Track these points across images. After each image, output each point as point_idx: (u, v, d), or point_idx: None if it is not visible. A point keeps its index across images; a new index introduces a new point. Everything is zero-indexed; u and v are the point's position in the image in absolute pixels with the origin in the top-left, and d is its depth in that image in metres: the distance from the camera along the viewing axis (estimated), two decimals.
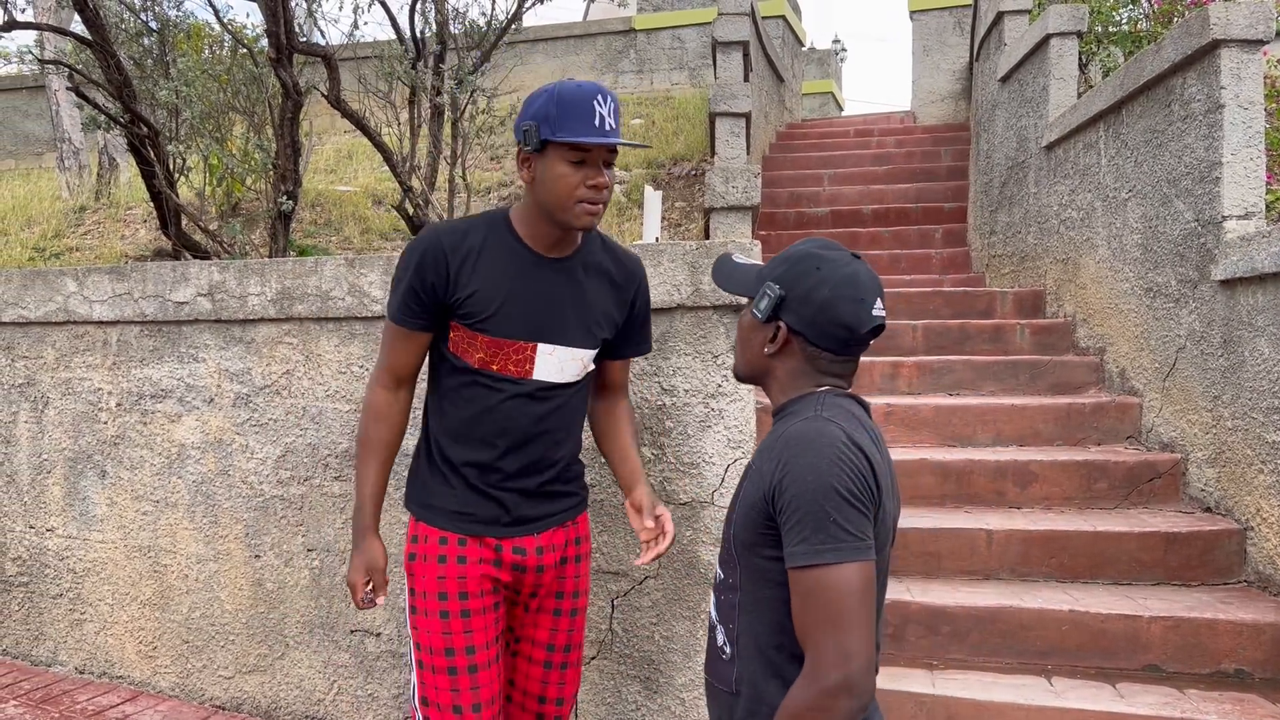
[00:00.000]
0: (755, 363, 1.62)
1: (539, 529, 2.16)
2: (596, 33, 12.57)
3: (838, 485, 1.38)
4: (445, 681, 2.06)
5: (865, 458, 1.43)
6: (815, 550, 1.37)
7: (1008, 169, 6.66)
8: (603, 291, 2.16)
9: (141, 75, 6.19)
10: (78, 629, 3.82)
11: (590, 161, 1.95)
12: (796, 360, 1.56)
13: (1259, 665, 3.22)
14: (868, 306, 1.51)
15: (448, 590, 2.09)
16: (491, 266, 2.04)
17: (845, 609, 1.35)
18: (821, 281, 1.51)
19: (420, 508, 2.16)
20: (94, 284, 3.70)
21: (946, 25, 10.86)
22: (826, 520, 1.37)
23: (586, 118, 1.91)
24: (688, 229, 7.11)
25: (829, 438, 1.42)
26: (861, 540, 1.38)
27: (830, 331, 1.52)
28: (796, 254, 1.57)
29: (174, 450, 3.58)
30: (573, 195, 1.95)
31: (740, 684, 1.54)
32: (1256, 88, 3.84)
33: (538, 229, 2.06)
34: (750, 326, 1.61)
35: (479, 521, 2.11)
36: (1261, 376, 3.56)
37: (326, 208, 7.84)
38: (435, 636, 2.08)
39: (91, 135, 8.96)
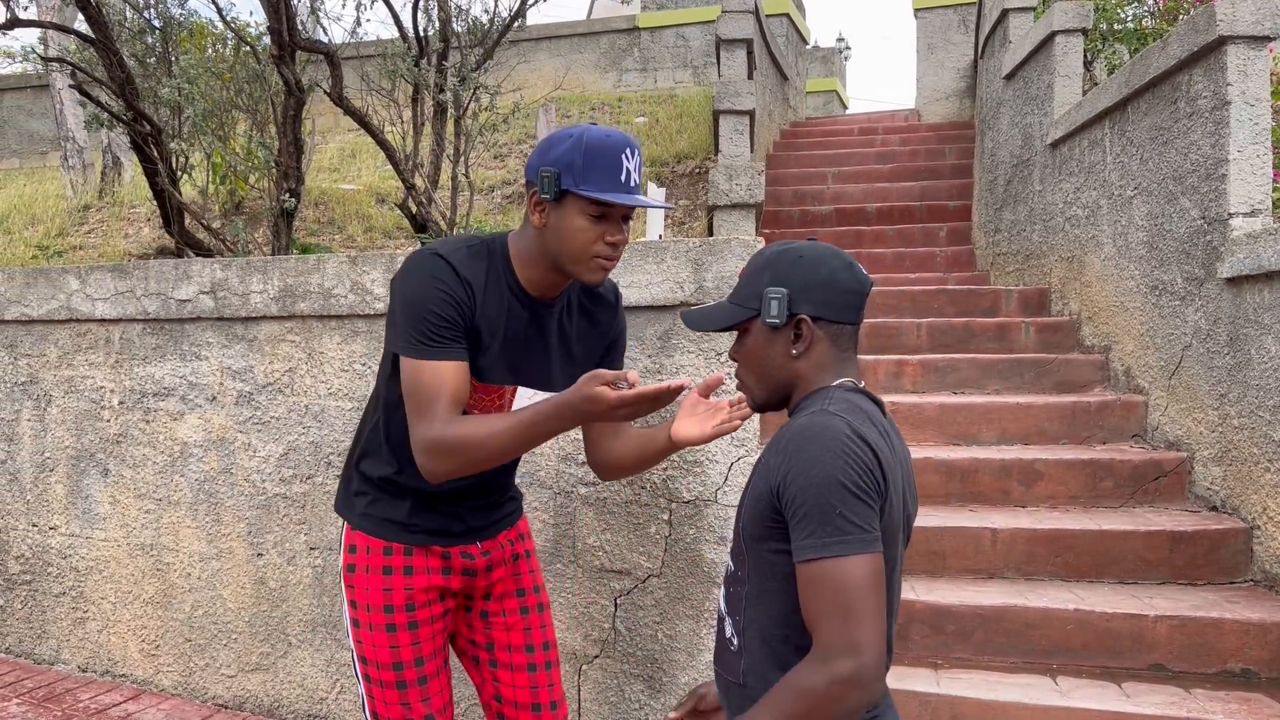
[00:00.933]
0: (782, 375, 1.59)
1: (487, 535, 2.11)
2: (600, 31, 12.57)
3: (842, 478, 1.39)
4: (395, 695, 1.99)
5: (871, 451, 1.43)
6: (823, 544, 1.37)
7: (1012, 167, 6.64)
8: (585, 332, 2.06)
9: (144, 73, 6.19)
10: (80, 627, 3.82)
11: (610, 217, 1.82)
12: (821, 348, 1.57)
13: (1265, 665, 3.21)
14: (857, 269, 1.59)
15: (394, 603, 1.99)
16: (497, 311, 1.91)
17: (855, 601, 1.35)
18: (813, 264, 1.55)
19: (360, 517, 2.04)
20: (96, 282, 3.70)
21: (951, 23, 10.84)
22: (832, 514, 1.37)
23: (614, 173, 1.79)
24: (691, 227, 7.10)
25: (833, 431, 1.43)
26: (868, 532, 1.38)
27: (844, 301, 1.56)
28: (771, 256, 1.59)
29: (176, 448, 3.58)
30: (589, 250, 1.82)
31: (747, 675, 1.54)
32: (1263, 84, 3.82)
33: (537, 274, 1.92)
34: (765, 343, 1.59)
35: (427, 532, 2.02)
36: (1268, 374, 3.54)
37: (330, 206, 7.83)
38: (382, 650, 1.99)
39: (95, 134, 8.96)
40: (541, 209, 1.85)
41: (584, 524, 2.96)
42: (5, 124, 13.62)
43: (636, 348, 2.88)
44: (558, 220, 1.83)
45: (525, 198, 1.96)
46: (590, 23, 12.81)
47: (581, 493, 2.97)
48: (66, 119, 9.42)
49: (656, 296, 2.83)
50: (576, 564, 2.98)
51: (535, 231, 1.88)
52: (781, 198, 8.21)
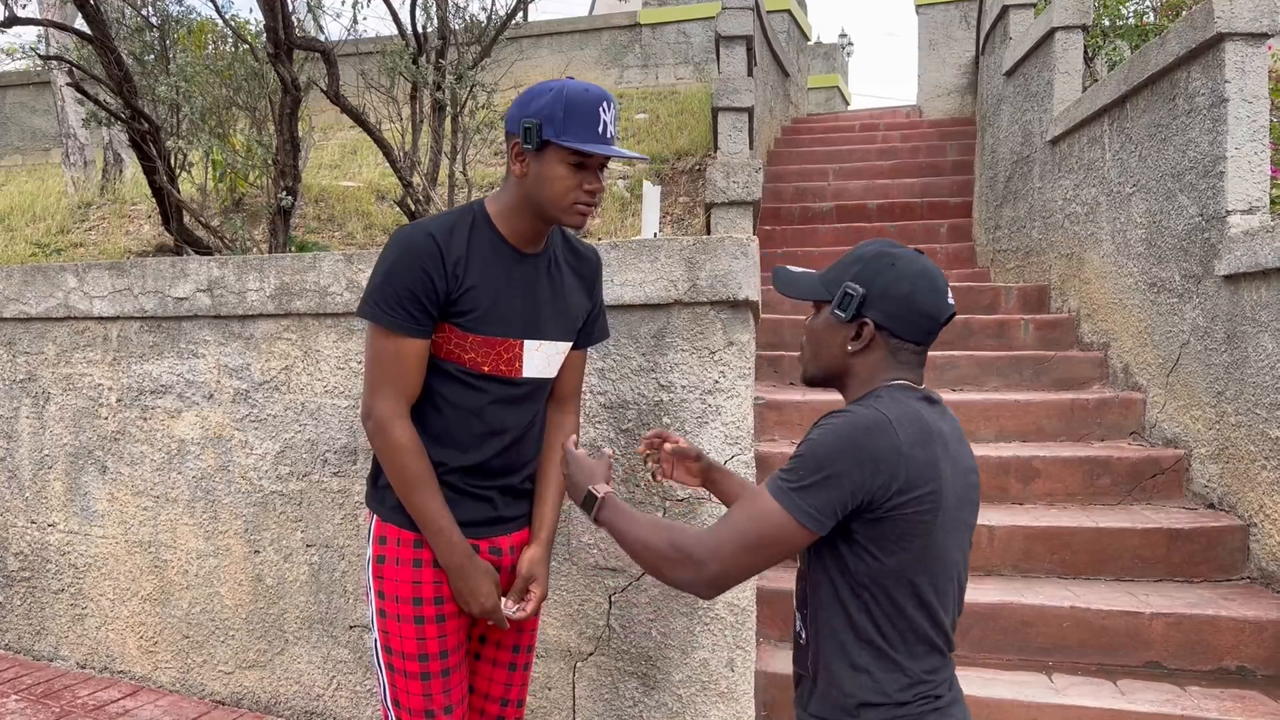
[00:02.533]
0: (835, 363, 1.67)
1: (514, 528, 2.14)
2: (601, 27, 12.56)
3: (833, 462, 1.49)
4: (418, 686, 2.02)
5: (898, 452, 1.49)
6: (775, 485, 1.53)
7: (1012, 164, 6.63)
8: (572, 284, 2.14)
9: (143, 71, 6.19)
10: (79, 624, 3.83)
11: (589, 166, 1.92)
12: (879, 354, 1.63)
13: (1261, 662, 3.21)
14: (943, 296, 1.62)
15: (423, 595, 2.02)
16: (482, 264, 1.98)
17: (752, 534, 1.52)
18: (900, 277, 1.60)
19: (392, 510, 2.06)
20: (94, 279, 3.70)
21: (953, 19, 10.82)
22: (799, 473, 1.51)
23: (592, 124, 1.88)
24: (690, 224, 7.10)
25: (869, 421, 1.51)
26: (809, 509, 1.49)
27: (915, 322, 1.61)
28: (868, 254, 1.64)
29: (174, 446, 3.59)
30: (569, 197, 1.92)
31: (815, 668, 1.62)
32: (1261, 81, 3.81)
33: (520, 224, 2.00)
34: (828, 328, 1.66)
35: (459, 523, 2.03)
36: (1265, 372, 3.54)
37: (330, 203, 7.84)
38: (409, 642, 2.02)
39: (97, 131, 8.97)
40: (523, 159, 1.94)
41: (579, 522, 2.97)
42: (8, 121, 13.64)
43: (630, 346, 2.88)
44: (539, 169, 1.92)
45: (507, 149, 1.99)
46: (591, 19, 12.81)
47: None
48: (68, 116, 9.43)
49: (650, 295, 2.83)
50: (571, 562, 2.98)
51: (516, 181, 1.97)
52: (783, 194, 8.21)
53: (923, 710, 1.54)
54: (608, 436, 2.90)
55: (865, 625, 1.54)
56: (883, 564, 1.52)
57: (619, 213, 7.41)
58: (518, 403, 2.07)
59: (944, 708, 1.56)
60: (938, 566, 1.55)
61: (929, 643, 1.56)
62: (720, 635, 2.83)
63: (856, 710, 1.55)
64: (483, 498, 2.08)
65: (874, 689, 1.54)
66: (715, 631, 2.84)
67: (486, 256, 1.99)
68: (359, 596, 3.29)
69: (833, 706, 1.58)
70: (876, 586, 1.53)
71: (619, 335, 2.89)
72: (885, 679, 1.54)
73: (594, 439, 2.92)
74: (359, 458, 3.26)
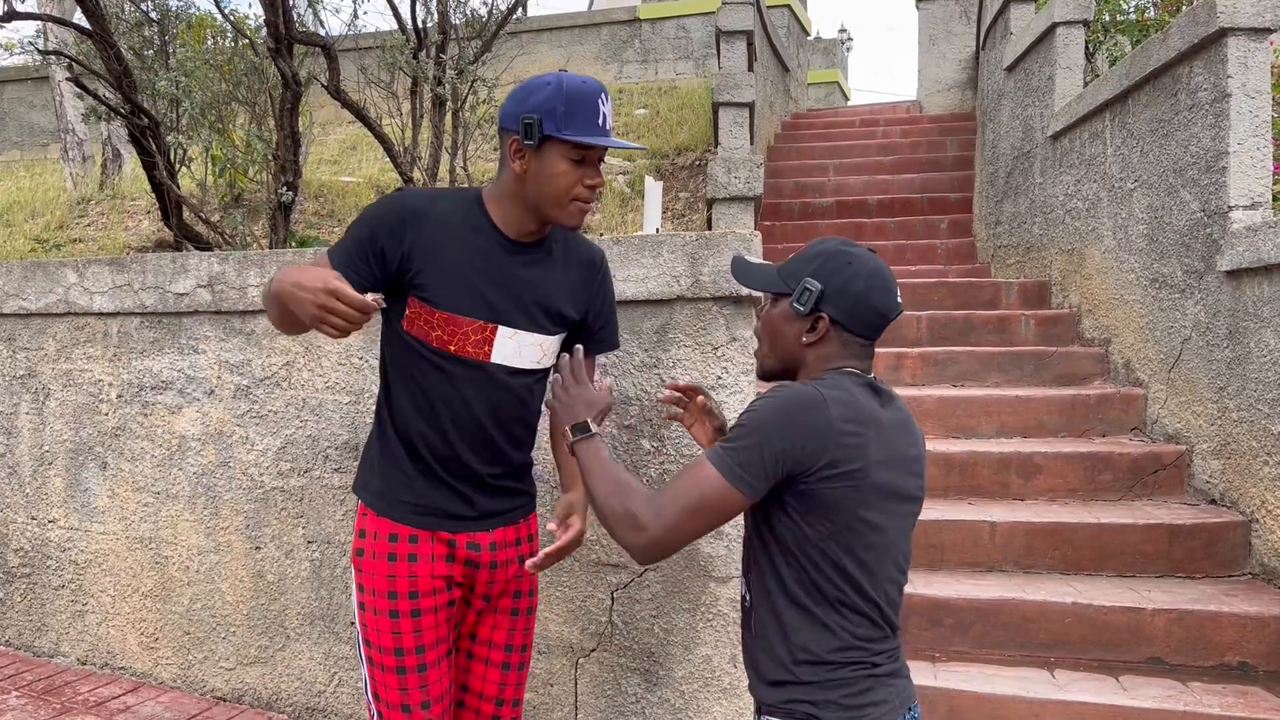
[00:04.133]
0: (790, 353, 1.75)
1: (493, 525, 2.10)
2: (601, 22, 12.54)
3: (766, 430, 1.59)
4: (394, 680, 2.02)
5: (828, 428, 1.58)
6: (714, 453, 1.62)
7: (1013, 159, 6.62)
8: (568, 279, 2.10)
9: (142, 66, 6.17)
10: (79, 620, 3.83)
11: (589, 160, 1.90)
12: (830, 347, 1.71)
13: (1263, 658, 3.21)
14: (893, 295, 1.72)
15: (398, 589, 2.02)
16: (455, 242, 1.96)
17: (692, 499, 1.61)
18: (856, 275, 1.68)
19: (373, 495, 2.07)
20: (94, 275, 3.70)
21: (953, 14, 10.79)
22: (735, 442, 1.61)
23: (592, 117, 1.86)
24: (691, 220, 7.09)
25: (805, 397, 1.61)
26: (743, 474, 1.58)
27: (867, 319, 1.70)
28: (826, 251, 1.72)
29: (174, 442, 3.58)
30: (569, 193, 1.90)
31: (757, 626, 1.72)
32: (1264, 76, 3.81)
33: (515, 218, 1.98)
34: (784, 319, 1.74)
35: (433, 514, 2.03)
36: (1267, 368, 3.54)
37: (330, 199, 7.83)
38: (385, 636, 2.02)
39: (95, 126, 8.95)
40: (522, 155, 1.91)
41: None
42: (6, 116, 13.62)
43: (633, 342, 2.87)
44: (539, 165, 1.89)
45: (501, 146, 1.96)
46: (591, 14, 12.79)
47: None
48: (66, 111, 9.41)
49: (653, 290, 2.82)
50: (573, 558, 2.98)
51: (514, 177, 1.93)
52: (783, 190, 8.20)
53: (857, 675, 1.63)
54: (609, 433, 2.90)
55: (795, 589, 1.64)
56: (807, 533, 1.62)
57: (620, 209, 7.40)
58: (487, 390, 2.01)
59: (881, 676, 1.65)
60: (863, 542, 1.63)
61: (859, 611, 1.64)
62: (723, 631, 2.83)
63: (793, 667, 1.64)
64: (459, 492, 2.05)
65: (804, 648, 1.64)
66: (718, 628, 2.83)
67: (469, 237, 1.97)
68: None
69: (773, 664, 1.67)
70: (803, 554, 1.63)
71: (622, 331, 2.87)
72: (814, 639, 1.63)
73: None
74: (360, 454, 3.25)
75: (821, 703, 1.61)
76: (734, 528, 2.82)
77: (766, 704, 1.70)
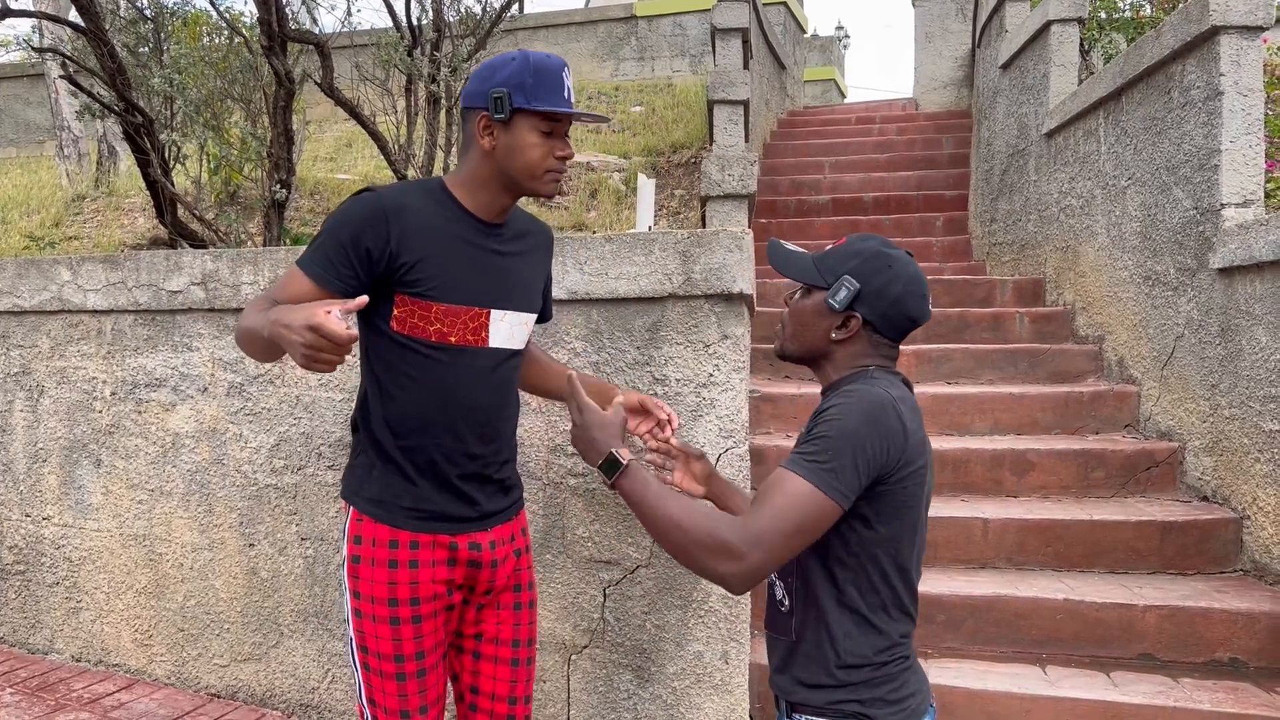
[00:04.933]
0: (816, 346, 1.74)
1: (491, 524, 2.10)
2: (598, 19, 12.54)
3: (857, 437, 1.54)
4: (393, 687, 2.00)
5: (903, 431, 1.58)
6: (803, 464, 1.55)
7: (1008, 156, 6.63)
8: (533, 257, 2.14)
9: (137, 63, 6.16)
10: (74, 617, 3.83)
11: (558, 132, 1.93)
12: (860, 345, 1.71)
13: (1254, 654, 3.22)
14: (927, 301, 1.73)
15: (399, 596, 1.98)
16: (437, 232, 1.94)
17: (791, 518, 1.53)
18: (894, 278, 1.68)
19: (368, 502, 2.02)
20: (88, 273, 3.70)
21: (949, 11, 10.80)
22: (826, 452, 1.54)
23: (559, 89, 1.90)
24: (687, 217, 7.10)
25: (876, 400, 1.59)
26: (839, 484, 1.53)
27: (898, 324, 1.71)
28: (867, 250, 1.71)
29: (168, 439, 3.58)
30: (541, 164, 1.92)
31: (800, 631, 1.69)
32: (1256, 74, 3.81)
33: (486, 197, 1.98)
34: (816, 312, 1.73)
35: (435, 519, 2.01)
36: (1259, 365, 3.55)
37: (326, 196, 7.82)
38: (384, 643, 1.99)
39: (91, 124, 8.94)
40: (491, 131, 1.92)
41: (573, 515, 2.97)
42: (2, 113, 13.60)
43: (625, 339, 2.88)
44: (509, 139, 1.91)
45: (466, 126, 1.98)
46: (588, 11, 12.78)
47: (571, 484, 2.97)
48: (62, 109, 9.40)
49: (645, 288, 2.83)
50: (566, 554, 2.99)
51: (483, 155, 1.94)
52: (779, 187, 8.20)
53: (897, 670, 1.64)
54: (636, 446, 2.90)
55: (849, 592, 1.63)
56: (877, 533, 1.61)
57: (614, 206, 7.40)
58: (487, 376, 2.02)
59: (911, 665, 1.68)
60: (914, 540, 1.66)
61: (903, 609, 1.66)
62: (714, 628, 2.84)
63: (838, 671, 1.63)
64: (461, 492, 2.03)
65: (856, 654, 1.63)
66: (709, 624, 2.84)
67: (442, 227, 1.95)
68: None
69: (816, 669, 1.65)
70: (866, 555, 1.62)
71: (614, 329, 2.89)
72: (865, 642, 1.63)
73: None
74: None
75: (869, 700, 1.62)
76: None
77: (808, 705, 1.66)
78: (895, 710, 1.62)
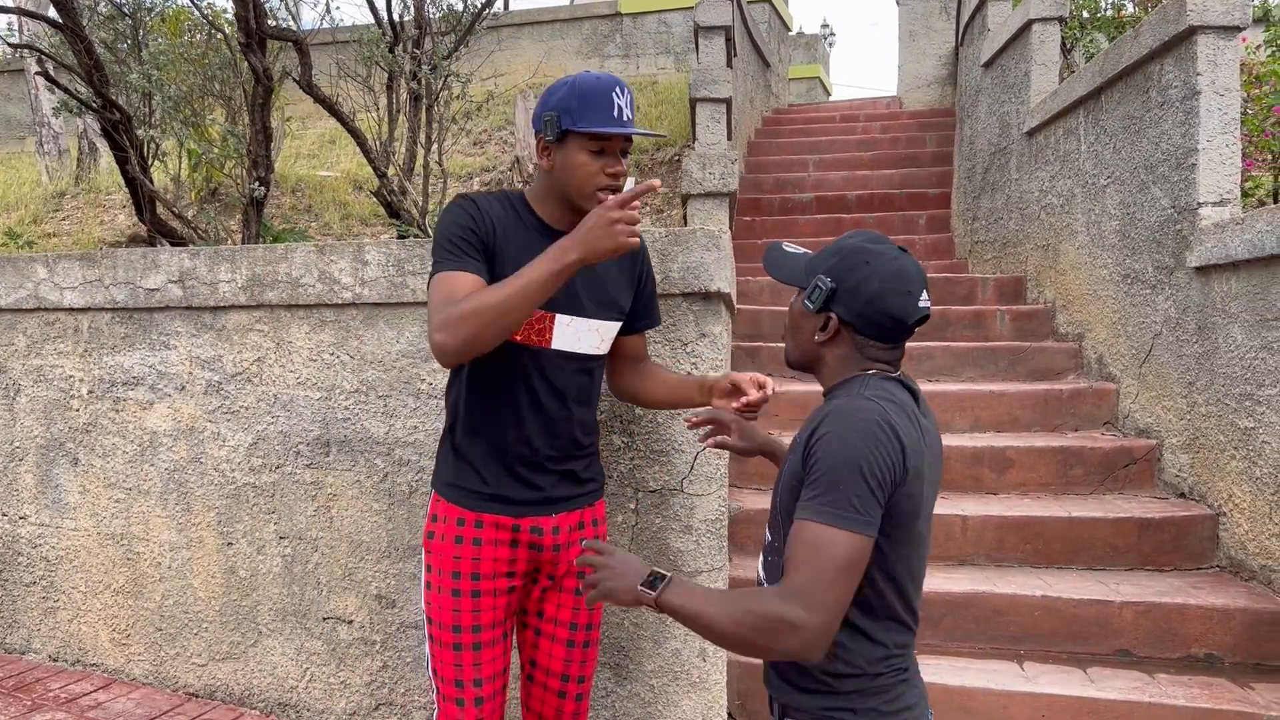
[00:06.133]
0: (807, 349, 1.71)
1: (556, 510, 2.22)
2: (582, 16, 12.50)
3: (861, 463, 1.48)
4: (450, 656, 2.15)
5: (899, 441, 1.51)
6: (820, 510, 1.48)
7: (990, 155, 6.65)
8: (610, 267, 2.22)
9: (115, 60, 6.12)
10: (51, 617, 3.80)
11: (609, 151, 2.02)
12: (846, 348, 1.66)
13: (1229, 650, 3.24)
14: (914, 298, 1.62)
15: (461, 570, 2.16)
16: (513, 238, 2.09)
17: (829, 570, 1.45)
18: (871, 275, 1.61)
19: (445, 486, 2.21)
20: (64, 270, 3.67)
21: (933, 10, 10.82)
22: (837, 487, 1.47)
23: (606, 109, 1.99)
24: (670, 215, 7.10)
25: (865, 415, 1.52)
26: (862, 516, 1.47)
27: (878, 322, 1.62)
28: (846, 248, 1.65)
29: (146, 438, 3.56)
30: (592, 183, 2.03)
31: None
32: (1233, 74, 3.83)
33: (554, 210, 2.13)
34: (801, 315, 1.71)
35: (497, 500, 2.16)
36: (1234, 363, 3.57)
37: (307, 193, 7.79)
38: (445, 613, 2.16)
39: (71, 120, 8.88)
40: (548, 151, 2.07)
41: None
42: None
43: None
44: (562, 159, 2.04)
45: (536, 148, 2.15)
46: (572, 8, 12.74)
47: None
48: (42, 105, 9.32)
49: None
50: None
51: (545, 174, 2.10)
52: (763, 185, 8.21)
53: (892, 681, 1.60)
54: None
55: None
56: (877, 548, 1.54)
57: None
58: (550, 375, 2.15)
59: (909, 679, 1.64)
60: (915, 549, 1.61)
61: (899, 620, 1.62)
62: None
63: (832, 680, 1.60)
64: (522, 477, 2.17)
65: (848, 661, 1.59)
66: None
67: (520, 230, 2.11)
68: (333, 589, 3.28)
69: (808, 677, 1.62)
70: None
71: None
72: (859, 651, 1.59)
73: None
74: (332, 450, 3.25)
75: (862, 710, 1.58)
76: (702, 523, 2.83)
77: (800, 710, 1.64)
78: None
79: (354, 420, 3.22)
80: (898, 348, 1.67)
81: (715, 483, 2.83)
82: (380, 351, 3.17)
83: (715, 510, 2.83)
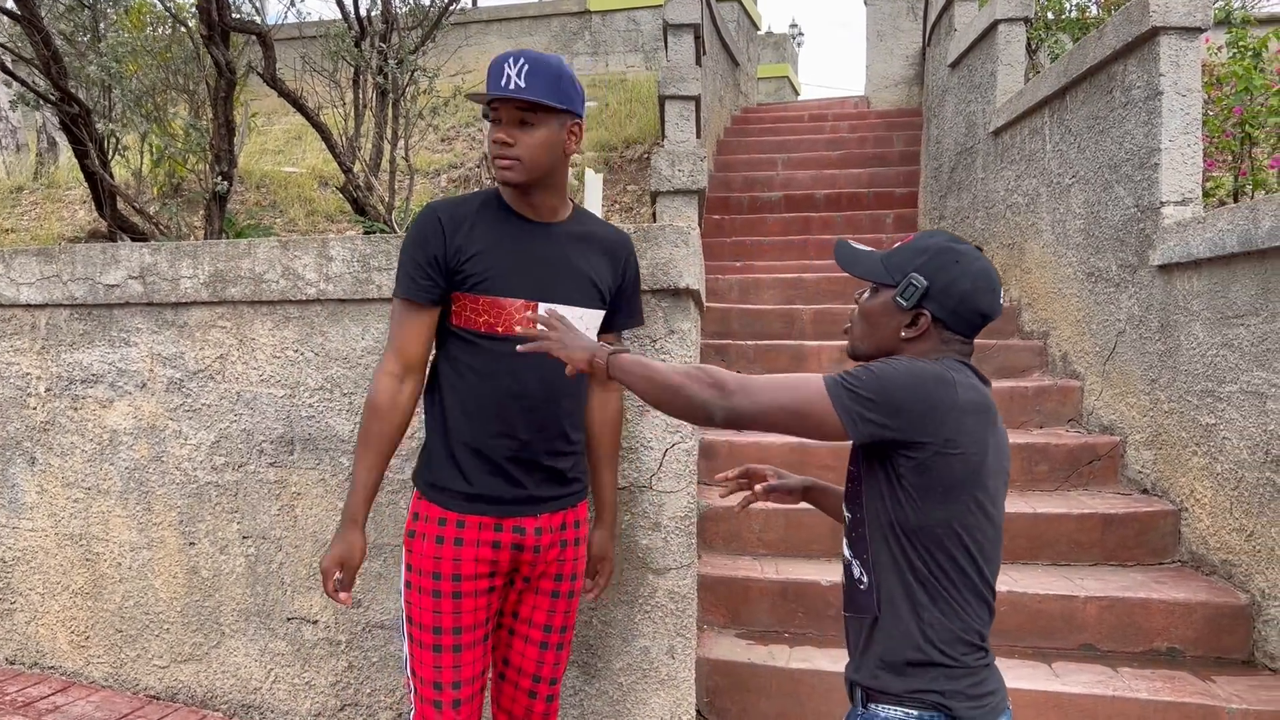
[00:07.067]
0: (887, 345, 1.73)
1: (542, 509, 2.21)
2: (551, 14, 12.47)
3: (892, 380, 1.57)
4: (429, 658, 2.13)
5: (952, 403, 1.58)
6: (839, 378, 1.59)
7: (957, 154, 6.70)
8: (593, 257, 2.23)
9: (75, 52, 6.01)
10: (7, 619, 3.73)
11: (499, 118, 2.06)
12: (931, 343, 1.70)
13: (1190, 643, 3.28)
14: (997, 296, 1.71)
15: (442, 571, 2.14)
16: (488, 231, 2.13)
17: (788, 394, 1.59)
18: (962, 274, 1.67)
19: (426, 486, 2.21)
20: (21, 266, 3.60)
21: (900, 10, 10.89)
22: (857, 376, 1.58)
23: (496, 77, 2.03)
24: (639, 212, 7.09)
25: (937, 371, 1.61)
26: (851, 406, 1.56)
27: (969, 319, 1.69)
28: (934, 247, 1.70)
29: (106, 436, 3.50)
30: (492, 153, 2.08)
31: (883, 606, 1.68)
32: (1195, 75, 3.88)
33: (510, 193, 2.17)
34: (886, 312, 1.72)
35: (483, 501, 2.15)
36: (1195, 360, 3.62)
37: (272, 189, 7.70)
38: (426, 614, 2.14)
39: (31, 114, 8.72)
40: None
41: None
42: None
43: None
44: None
45: None
46: (541, 5, 12.70)
47: None
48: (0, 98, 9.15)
49: None
50: None
51: None
52: (732, 184, 8.22)
53: (978, 664, 1.64)
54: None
55: (921, 569, 1.62)
56: (926, 515, 1.60)
57: None
58: (535, 366, 2.13)
59: (991, 664, 1.67)
60: (980, 527, 1.64)
61: (980, 597, 1.65)
62: (661, 623, 2.83)
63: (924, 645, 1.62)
64: (508, 474, 2.15)
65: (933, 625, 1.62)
66: (656, 619, 2.83)
67: (495, 225, 2.15)
68: (297, 588, 3.24)
69: (899, 643, 1.64)
70: (927, 534, 1.61)
71: None
72: (944, 616, 1.62)
73: None
74: (295, 448, 3.21)
75: (949, 693, 1.60)
76: (671, 520, 2.82)
77: (886, 693, 1.65)
78: (975, 706, 1.61)
79: (319, 418, 3.18)
80: (972, 342, 1.73)
81: (684, 480, 2.82)
82: (345, 348, 3.14)
83: (684, 507, 2.82)
